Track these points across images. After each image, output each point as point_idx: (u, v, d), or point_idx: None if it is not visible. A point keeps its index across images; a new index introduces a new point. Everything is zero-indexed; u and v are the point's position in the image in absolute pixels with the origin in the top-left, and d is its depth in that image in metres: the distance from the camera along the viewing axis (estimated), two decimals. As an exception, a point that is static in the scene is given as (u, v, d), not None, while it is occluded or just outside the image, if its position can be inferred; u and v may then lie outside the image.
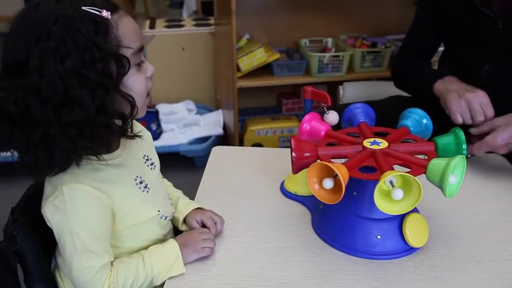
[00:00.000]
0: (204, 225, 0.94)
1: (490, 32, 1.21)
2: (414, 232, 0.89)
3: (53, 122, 0.68)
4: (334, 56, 2.18)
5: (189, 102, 2.66)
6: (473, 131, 0.92)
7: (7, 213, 0.84)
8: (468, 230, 0.96)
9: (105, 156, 0.77)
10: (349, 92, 2.16)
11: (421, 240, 0.90)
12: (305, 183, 1.06)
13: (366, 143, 0.91)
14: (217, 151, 1.32)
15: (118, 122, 0.75)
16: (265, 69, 2.19)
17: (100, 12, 0.71)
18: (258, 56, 2.12)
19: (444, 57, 1.44)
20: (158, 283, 0.82)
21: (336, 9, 2.38)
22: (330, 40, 2.38)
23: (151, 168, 0.89)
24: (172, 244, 0.85)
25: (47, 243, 0.84)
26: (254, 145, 2.32)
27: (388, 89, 1.55)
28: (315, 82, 2.26)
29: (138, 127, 0.88)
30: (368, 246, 0.89)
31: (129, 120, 0.76)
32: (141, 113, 0.79)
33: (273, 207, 1.05)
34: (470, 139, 0.93)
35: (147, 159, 0.89)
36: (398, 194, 0.79)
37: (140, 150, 0.87)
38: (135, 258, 0.82)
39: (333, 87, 2.36)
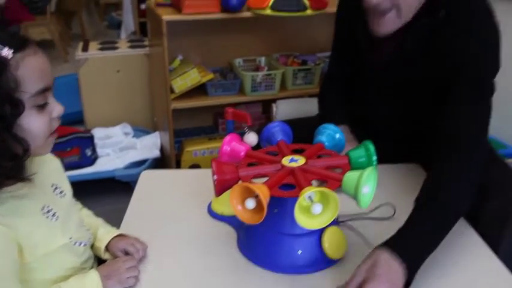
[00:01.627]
0: (127, 253, 0.93)
1: (379, 79, 1.21)
2: (333, 245, 0.92)
3: None
4: (266, 75, 2.23)
5: (125, 125, 2.61)
6: None
7: None
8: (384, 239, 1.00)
9: (7, 188, 0.75)
10: (282, 110, 2.21)
11: (339, 252, 0.93)
12: (228, 202, 1.07)
13: (285, 161, 0.94)
14: (147, 175, 1.31)
15: (8, 164, 0.72)
16: (200, 90, 2.20)
17: (0, 49, 0.69)
18: (191, 77, 2.13)
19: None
20: None
21: (267, 29, 2.43)
22: (263, 59, 2.43)
23: (60, 197, 0.88)
24: (94, 275, 0.84)
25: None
26: (192, 166, 2.31)
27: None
28: (249, 101, 2.29)
29: (45, 157, 0.87)
30: (290, 261, 0.92)
31: (21, 161, 0.74)
32: (43, 151, 0.79)
33: (200, 229, 1.06)
34: None
35: (56, 188, 0.88)
36: (317, 208, 0.82)
37: (48, 179, 0.85)
38: None
39: (267, 105, 2.41)
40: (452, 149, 0.99)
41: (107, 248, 0.94)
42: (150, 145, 2.40)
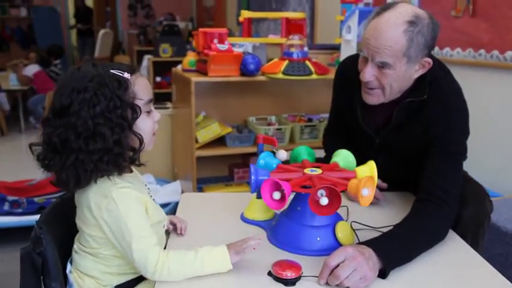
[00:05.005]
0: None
1: (371, 143, 1.49)
2: (344, 234, 1.19)
3: (82, 150, 0.97)
4: (277, 129, 2.56)
5: (148, 175, 2.91)
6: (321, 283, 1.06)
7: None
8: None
9: (127, 175, 1.06)
10: (292, 159, 2.52)
11: (349, 240, 1.20)
12: (260, 210, 1.36)
13: (306, 170, 1.23)
14: (186, 196, 1.58)
15: (130, 153, 1.04)
16: (220, 142, 2.53)
17: (122, 74, 1.02)
18: (213, 130, 2.46)
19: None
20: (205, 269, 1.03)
21: (278, 93, 2.81)
22: (273, 117, 2.78)
23: (149, 191, 1.17)
24: (223, 246, 1.07)
25: (63, 249, 1.07)
26: (210, 209, 2.57)
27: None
28: (262, 152, 2.60)
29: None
30: (310, 246, 1.18)
31: (139, 151, 1.05)
32: (148, 147, 1.09)
33: (236, 231, 1.31)
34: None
35: (146, 185, 1.18)
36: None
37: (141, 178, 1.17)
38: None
39: (278, 157, 2.71)
40: (431, 198, 1.26)
41: None
42: (172, 191, 2.68)
